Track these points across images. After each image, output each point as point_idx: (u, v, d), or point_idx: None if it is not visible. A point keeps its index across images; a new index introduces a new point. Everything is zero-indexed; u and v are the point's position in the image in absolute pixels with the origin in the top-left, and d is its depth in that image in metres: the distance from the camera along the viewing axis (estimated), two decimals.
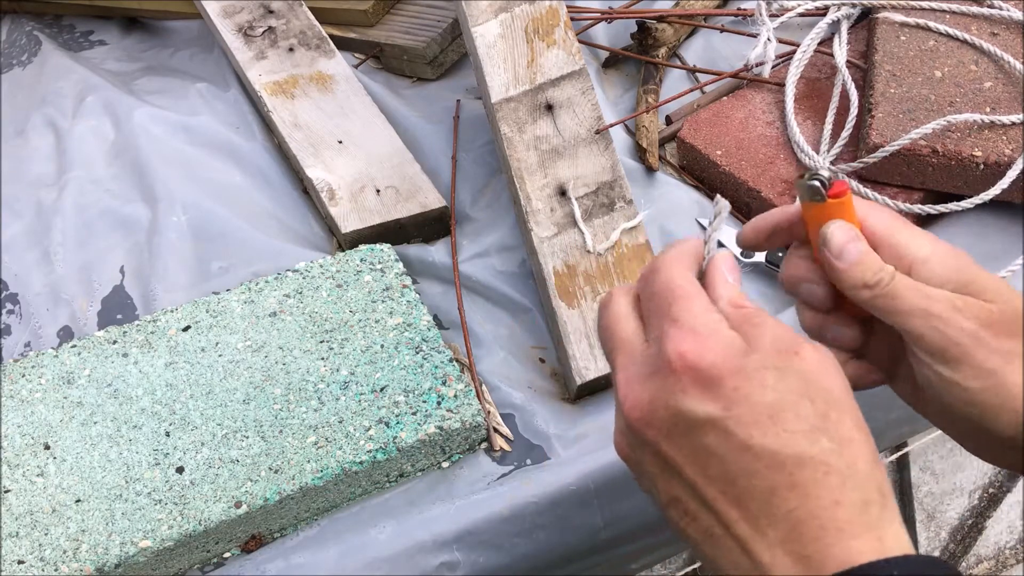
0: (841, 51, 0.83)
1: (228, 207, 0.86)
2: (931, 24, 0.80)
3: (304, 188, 0.89)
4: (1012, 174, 0.70)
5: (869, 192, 0.75)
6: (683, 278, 0.43)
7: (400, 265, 0.76)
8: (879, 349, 0.49)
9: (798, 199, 0.46)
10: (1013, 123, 0.72)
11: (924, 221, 0.77)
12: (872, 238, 0.46)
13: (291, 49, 0.96)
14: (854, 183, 0.76)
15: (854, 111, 0.78)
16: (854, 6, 0.88)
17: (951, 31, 0.79)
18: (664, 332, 0.41)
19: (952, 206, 0.73)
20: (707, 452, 0.38)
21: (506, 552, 0.65)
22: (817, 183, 0.45)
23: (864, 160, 0.74)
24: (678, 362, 0.39)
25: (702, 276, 0.45)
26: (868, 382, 0.49)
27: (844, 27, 0.86)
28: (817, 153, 0.78)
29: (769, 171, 0.78)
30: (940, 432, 0.48)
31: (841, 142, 0.77)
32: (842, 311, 0.48)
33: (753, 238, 0.49)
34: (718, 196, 0.47)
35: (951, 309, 0.43)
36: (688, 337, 0.40)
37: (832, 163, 0.77)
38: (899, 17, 0.81)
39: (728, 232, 0.77)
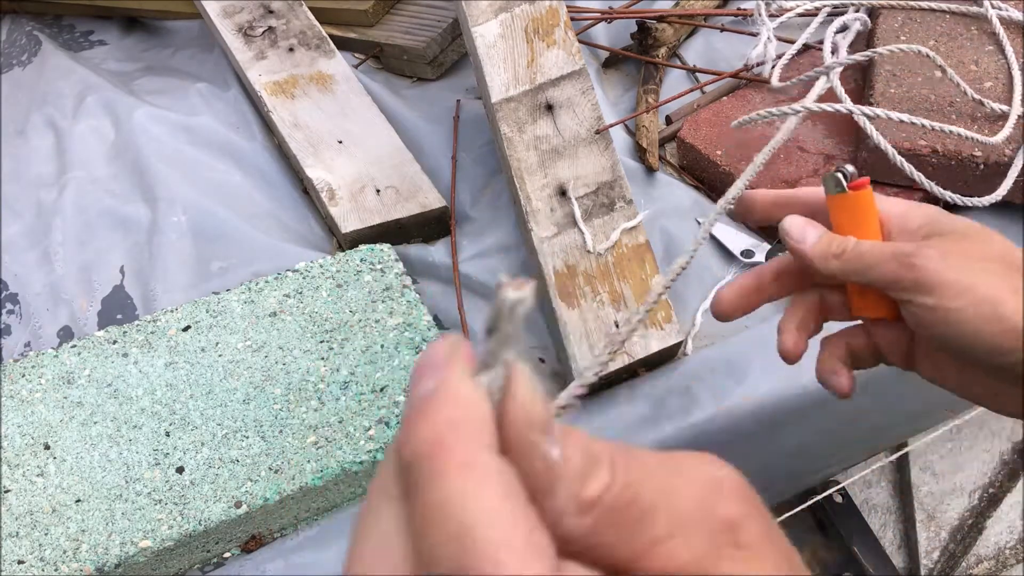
0: (835, 58, 0.83)
1: (228, 207, 0.86)
2: (929, 53, 0.79)
3: (304, 188, 0.89)
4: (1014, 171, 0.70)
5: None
6: (485, 500, 0.22)
7: (400, 265, 0.76)
8: (892, 344, 0.51)
9: (824, 191, 0.48)
10: (1003, 112, 0.72)
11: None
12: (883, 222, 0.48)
13: (291, 49, 0.96)
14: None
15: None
16: (857, 9, 0.88)
17: (946, 68, 0.79)
18: None
19: (975, 201, 0.72)
20: None
21: None
22: (840, 175, 0.47)
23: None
24: None
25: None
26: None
27: (848, 38, 0.85)
28: (810, 151, 0.78)
29: (769, 171, 0.78)
30: (940, 432, 0.48)
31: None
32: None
33: (734, 302, 0.51)
34: (499, 280, 0.25)
35: (917, 245, 0.44)
36: None
37: (827, 162, 0.77)
38: (901, 20, 0.81)
39: (743, 239, 0.77)
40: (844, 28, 0.84)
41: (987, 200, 0.72)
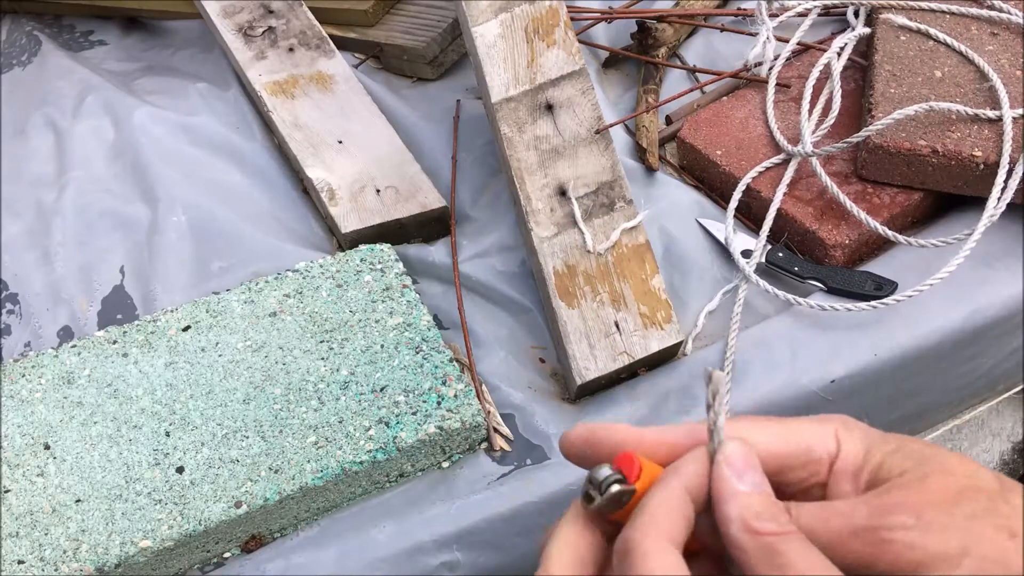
0: (839, 62, 0.83)
1: (228, 207, 0.86)
2: (931, 31, 0.80)
3: (304, 188, 0.89)
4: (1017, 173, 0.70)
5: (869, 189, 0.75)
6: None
7: (400, 265, 0.76)
8: None
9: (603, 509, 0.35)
10: (995, 117, 0.72)
11: (928, 215, 0.77)
12: (769, 461, 0.36)
13: (291, 49, 0.96)
14: (856, 185, 0.76)
15: (836, 108, 0.80)
16: (856, 12, 0.88)
17: (949, 40, 0.79)
18: None
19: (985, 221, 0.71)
20: None
21: (506, 552, 0.65)
22: (610, 480, 0.34)
23: (837, 146, 0.74)
24: None
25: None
26: None
27: (851, 45, 0.85)
28: (796, 146, 0.78)
29: (770, 171, 0.78)
30: (940, 432, 0.46)
31: (821, 133, 0.78)
32: None
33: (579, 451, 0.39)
34: (709, 371, 0.36)
35: (878, 509, 0.34)
36: None
37: (826, 163, 0.77)
38: (900, 20, 0.81)
39: (742, 239, 0.77)
40: (844, 47, 0.85)
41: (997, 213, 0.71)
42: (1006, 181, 0.70)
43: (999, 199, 0.70)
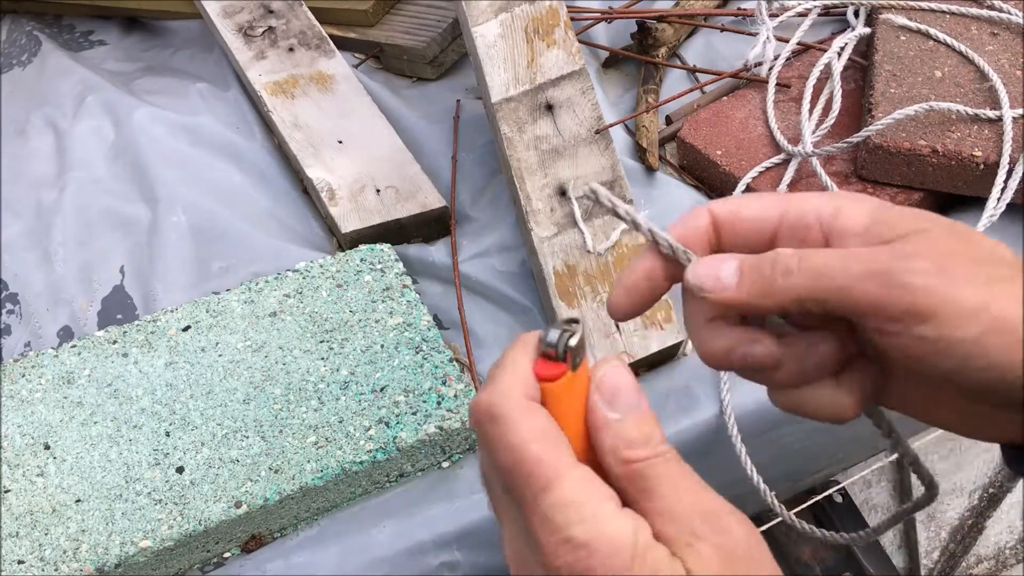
0: (839, 62, 0.83)
1: (228, 207, 0.86)
2: (931, 31, 0.80)
3: (304, 188, 0.89)
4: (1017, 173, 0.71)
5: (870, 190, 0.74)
6: (537, 444, 0.32)
7: (400, 265, 0.76)
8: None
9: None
10: (995, 117, 0.72)
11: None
12: (763, 227, 0.36)
13: (291, 49, 0.96)
14: (856, 185, 0.76)
15: (836, 108, 0.80)
16: (856, 12, 0.88)
17: (949, 40, 0.79)
18: (542, 545, 0.31)
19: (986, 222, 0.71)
20: None
21: None
22: (559, 338, 0.33)
23: (838, 146, 0.74)
24: None
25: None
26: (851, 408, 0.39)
27: (851, 45, 0.85)
28: (796, 145, 0.78)
29: (770, 171, 0.78)
30: (940, 432, 0.46)
31: (821, 133, 0.78)
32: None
33: (628, 304, 0.38)
34: (585, 188, 0.36)
35: (895, 252, 0.32)
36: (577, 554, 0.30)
37: (826, 163, 0.77)
38: (900, 20, 0.81)
39: None
40: (844, 47, 0.85)
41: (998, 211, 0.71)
42: (1006, 181, 0.70)
43: (999, 199, 0.70)
